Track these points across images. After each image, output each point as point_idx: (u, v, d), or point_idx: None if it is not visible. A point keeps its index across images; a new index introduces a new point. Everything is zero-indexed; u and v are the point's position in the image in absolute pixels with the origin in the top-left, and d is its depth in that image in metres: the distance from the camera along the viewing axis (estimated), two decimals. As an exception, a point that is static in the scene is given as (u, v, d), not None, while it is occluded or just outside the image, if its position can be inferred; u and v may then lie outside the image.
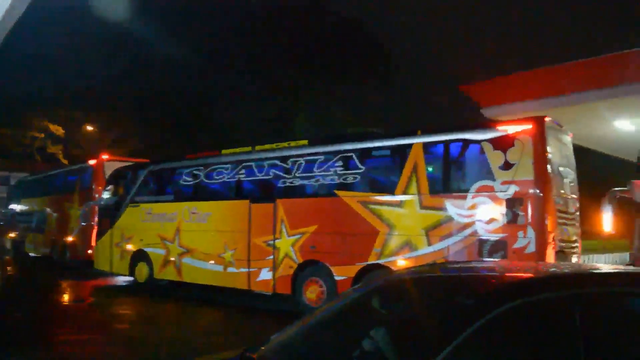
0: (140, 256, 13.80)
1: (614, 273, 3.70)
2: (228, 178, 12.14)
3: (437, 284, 3.62)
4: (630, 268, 4.51)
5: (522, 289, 3.04)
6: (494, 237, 8.38)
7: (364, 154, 10.11)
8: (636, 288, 3.42)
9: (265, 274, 11.04)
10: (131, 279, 14.29)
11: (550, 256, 8.18)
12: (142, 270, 13.74)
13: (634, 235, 8.56)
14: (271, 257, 10.95)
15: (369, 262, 9.62)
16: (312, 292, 10.38)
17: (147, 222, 13.70)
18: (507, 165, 8.41)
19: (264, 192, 11.45)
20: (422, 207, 9.18)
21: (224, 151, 12.50)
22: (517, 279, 3.38)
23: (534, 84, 14.21)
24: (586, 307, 2.94)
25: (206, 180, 12.62)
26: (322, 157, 10.56)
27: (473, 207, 8.61)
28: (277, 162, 11.22)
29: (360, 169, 10.03)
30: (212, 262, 12.00)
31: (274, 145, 11.58)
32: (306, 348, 3.56)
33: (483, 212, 8.51)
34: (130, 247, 14.09)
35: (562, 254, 8.55)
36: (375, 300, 3.85)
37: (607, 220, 8.49)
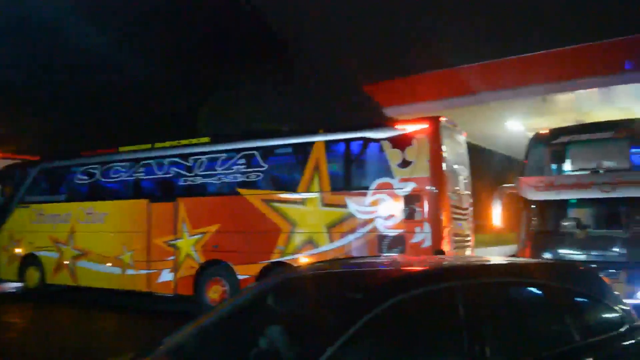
0: (30, 260, 12.95)
1: (495, 265, 3.90)
2: (126, 176, 11.70)
3: (330, 280, 3.66)
4: (512, 259, 4.77)
5: (409, 282, 3.13)
6: (392, 233, 8.64)
7: (266, 152, 10.08)
8: (515, 278, 3.63)
9: (166, 275, 10.74)
10: (20, 285, 13.40)
11: (445, 249, 8.53)
12: (32, 275, 12.89)
13: (520, 228, 9.09)
14: (172, 257, 10.67)
15: (272, 260, 9.61)
16: (214, 292, 10.21)
17: (38, 224, 12.90)
18: (405, 163, 8.69)
19: (165, 191, 11.15)
20: (324, 204, 9.29)
21: (121, 148, 12.03)
22: (405, 273, 3.47)
23: (432, 85, 14.82)
24: (469, 297, 3.06)
25: (103, 179, 12.09)
26: (224, 155, 10.44)
27: (373, 203, 8.83)
28: (178, 159, 10.95)
29: (263, 166, 9.99)
30: (110, 264, 11.52)
31: (174, 143, 11.29)
32: (200, 349, 3.48)
33: (382, 209, 8.75)
34: (19, 250, 13.18)
35: (456, 247, 8.94)
36: (271, 298, 3.83)
37: (496, 215, 8.96)
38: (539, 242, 8.86)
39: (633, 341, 3.74)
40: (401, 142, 8.80)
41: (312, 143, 9.56)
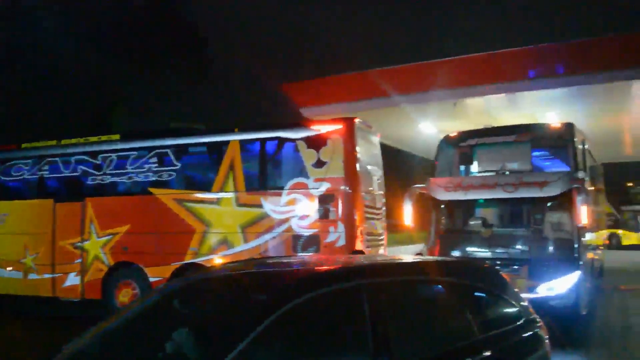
0: None
1: (400, 263, 3.98)
2: (29, 175, 11.06)
3: (238, 281, 3.59)
4: (418, 258, 4.89)
5: (314, 282, 3.13)
6: (307, 233, 8.69)
7: (179, 151, 9.87)
8: (419, 276, 3.73)
9: (73, 279, 10.27)
10: None
11: (359, 248, 8.66)
12: None
13: (430, 227, 9.36)
14: (79, 260, 10.21)
15: (185, 262, 9.41)
16: (125, 296, 9.86)
17: None
18: (319, 164, 8.76)
19: (71, 190, 10.64)
20: (239, 204, 9.20)
21: (24, 145, 11.34)
22: (311, 273, 3.47)
23: (348, 86, 15.03)
24: (374, 295, 3.11)
25: (3, 178, 11.38)
26: (135, 153, 10.11)
27: (288, 203, 8.85)
28: (86, 157, 10.50)
29: (176, 165, 9.77)
30: (10, 268, 10.85)
31: (82, 140, 10.80)
32: (102, 355, 3.33)
33: (297, 209, 8.79)
34: None
35: (369, 246, 9.10)
36: (178, 300, 3.73)
37: (407, 215, 9.18)
38: (448, 241, 9.18)
39: (529, 333, 3.95)
40: (316, 143, 8.86)
41: (227, 142, 9.45)
